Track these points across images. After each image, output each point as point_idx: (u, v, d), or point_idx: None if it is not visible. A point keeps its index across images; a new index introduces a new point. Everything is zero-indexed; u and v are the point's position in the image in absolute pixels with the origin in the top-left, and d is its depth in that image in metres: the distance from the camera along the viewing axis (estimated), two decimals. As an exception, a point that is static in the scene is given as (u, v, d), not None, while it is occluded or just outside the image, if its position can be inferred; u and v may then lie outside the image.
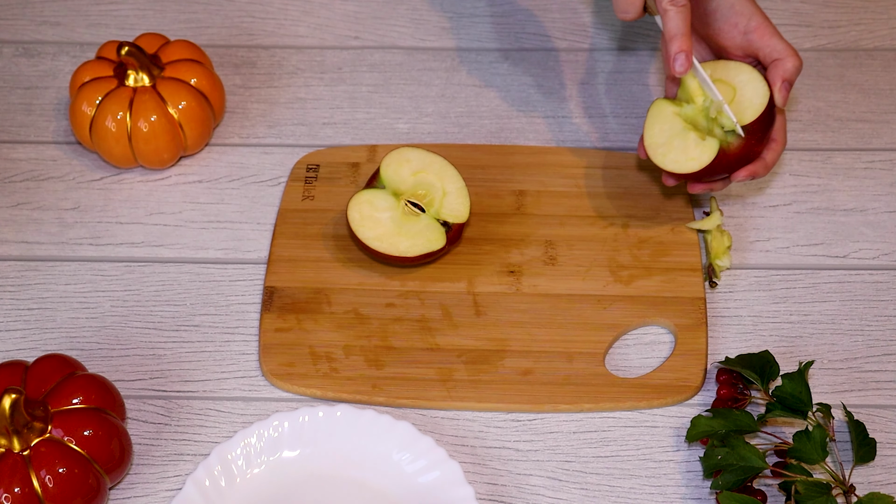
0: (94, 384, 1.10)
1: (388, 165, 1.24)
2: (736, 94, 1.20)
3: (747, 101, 1.19)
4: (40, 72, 1.44)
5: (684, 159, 1.20)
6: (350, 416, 1.14)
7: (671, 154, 1.20)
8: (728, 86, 1.20)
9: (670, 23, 1.17)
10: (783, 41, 1.20)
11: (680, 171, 1.20)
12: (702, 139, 1.19)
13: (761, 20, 1.20)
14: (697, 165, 1.19)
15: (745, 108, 1.19)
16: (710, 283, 1.24)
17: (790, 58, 1.19)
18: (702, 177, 1.21)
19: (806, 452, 1.09)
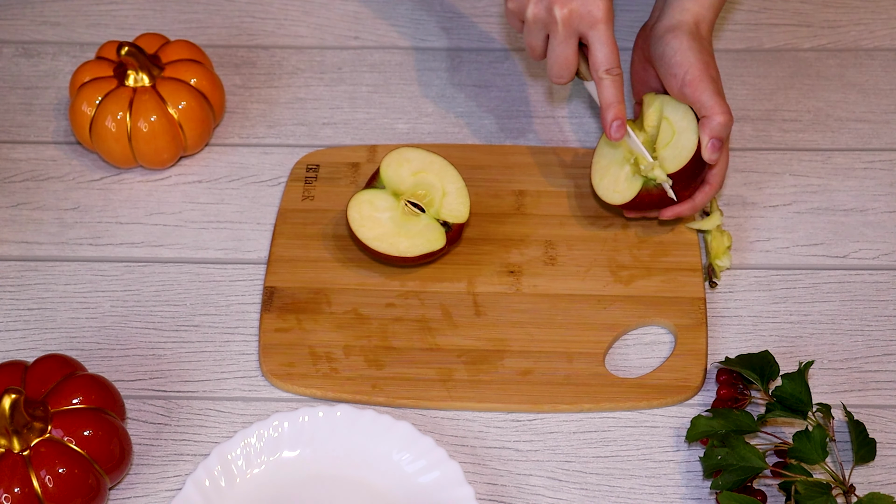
0: (94, 384, 1.10)
1: (388, 165, 1.24)
2: (674, 138, 1.21)
3: (680, 147, 1.21)
4: (40, 72, 1.44)
5: (611, 191, 1.24)
6: (350, 416, 1.14)
7: (604, 181, 1.24)
8: (671, 127, 1.22)
9: (605, 91, 1.20)
10: (714, 96, 1.18)
11: (605, 199, 1.24)
12: (632, 174, 1.23)
13: (696, 74, 1.19)
14: (619, 200, 1.23)
15: (677, 154, 1.21)
16: (710, 284, 1.24)
17: (718, 115, 1.18)
18: (629, 208, 1.24)
19: (806, 452, 1.09)
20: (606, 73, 1.19)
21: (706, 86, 1.19)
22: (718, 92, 1.19)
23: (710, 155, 1.19)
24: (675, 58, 1.19)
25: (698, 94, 1.19)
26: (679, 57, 1.19)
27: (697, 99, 1.19)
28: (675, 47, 1.20)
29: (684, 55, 1.19)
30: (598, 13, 1.17)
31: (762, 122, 1.38)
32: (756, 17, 1.48)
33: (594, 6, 1.17)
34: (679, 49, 1.19)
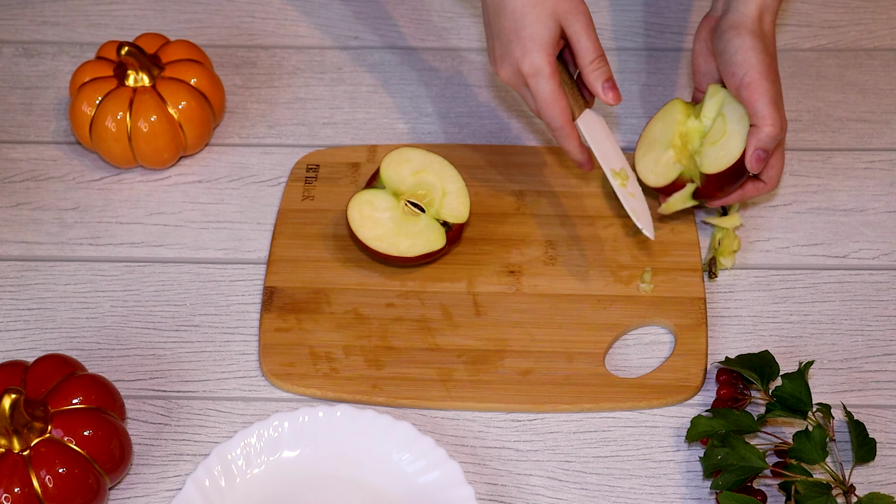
0: (94, 384, 1.10)
1: (388, 165, 1.24)
2: (722, 138, 1.20)
3: (725, 151, 1.20)
4: (40, 72, 1.44)
5: (649, 171, 1.23)
6: (350, 416, 1.14)
7: (645, 159, 1.23)
8: (724, 127, 1.21)
9: None
10: (769, 105, 1.16)
11: (641, 177, 1.23)
12: (673, 161, 1.22)
13: (755, 77, 1.16)
14: (653, 182, 1.23)
15: (720, 157, 1.20)
16: (709, 274, 1.24)
17: (768, 126, 1.16)
18: (662, 193, 1.24)
19: (806, 452, 1.09)
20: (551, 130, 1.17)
21: (763, 92, 1.16)
22: (774, 100, 1.17)
23: (753, 165, 1.18)
24: (736, 57, 1.17)
25: (754, 99, 1.16)
26: (740, 56, 1.17)
27: (752, 104, 1.17)
28: (736, 45, 1.17)
29: (745, 55, 1.16)
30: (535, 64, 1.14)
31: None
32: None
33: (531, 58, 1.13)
34: (741, 48, 1.17)
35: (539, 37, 1.13)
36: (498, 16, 1.14)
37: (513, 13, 1.13)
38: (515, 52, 1.13)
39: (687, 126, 1.23)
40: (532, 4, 1.12)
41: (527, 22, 1.12)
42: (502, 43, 1.14)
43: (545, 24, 1.13)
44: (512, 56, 1.14)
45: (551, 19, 1.13)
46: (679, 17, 1.48)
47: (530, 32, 1.12)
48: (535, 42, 1.13)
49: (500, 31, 1.14)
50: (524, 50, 1.13)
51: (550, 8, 1.13)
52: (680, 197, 1.23)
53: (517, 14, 1.12)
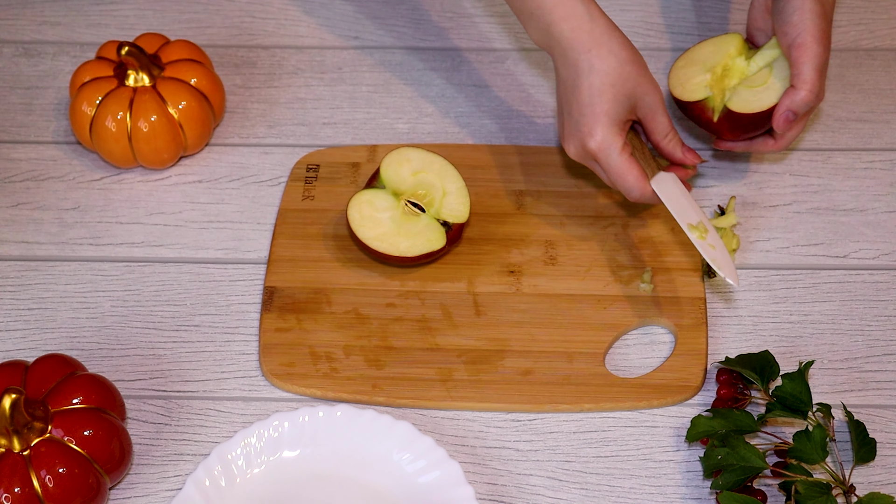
0: (94, 384, 1.10)
1: (388, 165, 1.24)
2: (760, 87, 1.22)
3: (757, 98, 1.22)
4: (40, 72, 1.44)
5: (679, 82, 1.25)
6: (350, 416, 1.14)
7: (682, 71, 1.26)
8: (767, 78, 1.23)
9: None
10: (813, 71, 1.17)
11: (669, 84, 1.25)
12: (705, 84, 1.24)
13: (807, 40, 1.17)
14: (678, 94, 1.25)
15: (750, 101, 1.22)
16: (707, 274, 1.24)
17: (804, 90, 1.18)
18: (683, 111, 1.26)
19: (806, 452, 1.09)
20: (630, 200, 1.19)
21: (811, 56, 1.17)
22: (819, 67, 1.18)
23: (779, 123, 1.19)
24: (793, 17, 1.18)
25: (801, 62, 1.17)
26: (797, 17, 1.17)
27: (798, 66, 1.17)
28: (795, 5, 1.17)
29: (802, 17, 1.17)
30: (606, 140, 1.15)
31: (762, 122, 1.38)
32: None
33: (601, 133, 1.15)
34: (799, 8, 1.17)
35: (613, 113, 1.14)
36: (574, 91, 1.14)
37: (589, 89, 1.14)
38: (583, 129, 1.14)
39: (734, 62, 1.24)
40: (611, 84, 1.13)
41: (603, 99, 1.13)
42: (573, 119, 1.15)
43: (621, 104, 1.14)
44: (580, 132, 1.15)
45: (627, 99, 1.15)
46: (679, 17, 1.48)
47: (605, 109, 1.14)
48: (610, 118, 1.14)
49: (574, 106, 1.15)
50: (594, 126, 1.14)
51: (629, 90, 1.15)
52: None
53: (594, 91, 1.13)
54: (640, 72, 1.15)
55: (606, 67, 1.13)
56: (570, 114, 1.16)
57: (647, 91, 1.16)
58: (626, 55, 1.14)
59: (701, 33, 1.46)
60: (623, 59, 1.14)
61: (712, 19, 1.47)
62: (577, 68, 1.14)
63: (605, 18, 1.15)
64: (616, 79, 1.13)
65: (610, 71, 1.13)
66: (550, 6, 1.14)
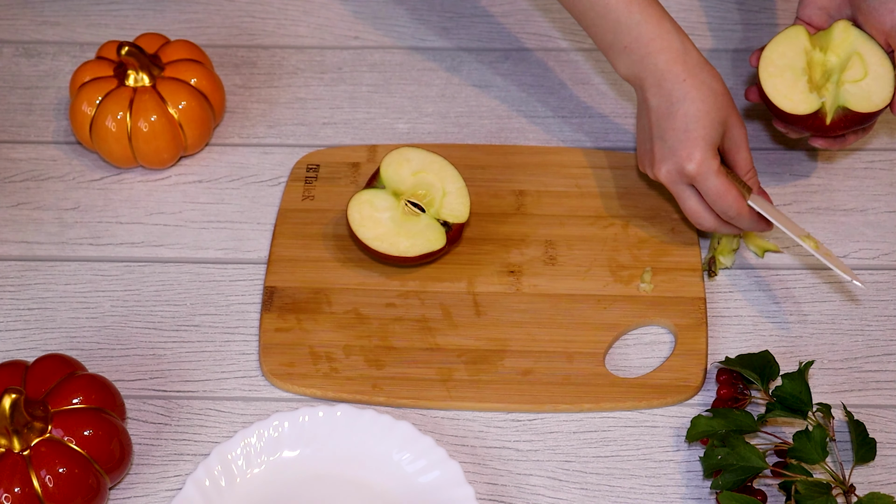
0: (94, 384, 1.10)
1: (388, 165, 1.24)
2: (865, 79, 1.20)
3: (871, 93, 1.20)
4: (40, 72, 1.44)
5: (783, 96, 1.22)
6: (350, 416, 1.14)
7: (776, 81, 1.22)
8: (864, 67, 1.20)
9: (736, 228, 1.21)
10: None
11: (772, 97, 1.22)
12: (809, 91, 1.21)
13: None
14: (789, 108, 1.21)
15: (866, 98, 1.20)
16: (708, 273, 1.24)
17: None
18: (787, 121, 1.23)
19: (806, 452, 1.09)
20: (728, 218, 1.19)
21: None
22: None
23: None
24: (890, 3, 1.16)
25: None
26: (892, 3, 1.16)
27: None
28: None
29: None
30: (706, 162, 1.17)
31: (762, 121, 1.38)
32: (756, 17, 1.48)
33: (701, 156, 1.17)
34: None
35: (711, 139, 1.17)
36: (669, 118, 1.17)
37: (685, 116, 1.17)
38: (685, 150, 1.17)
39: (813, 57, 1.22)
40: (706, 111, 1.16)
41: (701, 125, 1.16)
42: (666, 144, 1.18)
43: (716, 129, 1.17)
44: (678, 156, 1.17)
45: (720, 126, 1.18)
46: (679, 17, 1.48)
47: (703, 134, 1.16)
48: (707, 143, 1.17)
49: (667, 132, 1.18)
50: (695, 148, 1.17)
51: (723, 117, 1.18)
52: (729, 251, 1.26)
53: (690, 118, 1.16)
54: (730, 105, 1.19)
55: (701, 96, 1.17)
56: (663, 139, 1.18)
57: (734, 124, 1.19)
58: (718, 87, 1.18)
59: (703, 33, 1.46)
60: (716, 90, 1.18)
61: (712, 19, 1.47)
62: (672, 97, 1.17)
63: (698, 52, 1.19)
64: (711, 107, 1.17)
65: (705, 99, 1.17)
66: (647, 39, 1.18)
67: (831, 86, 1.21)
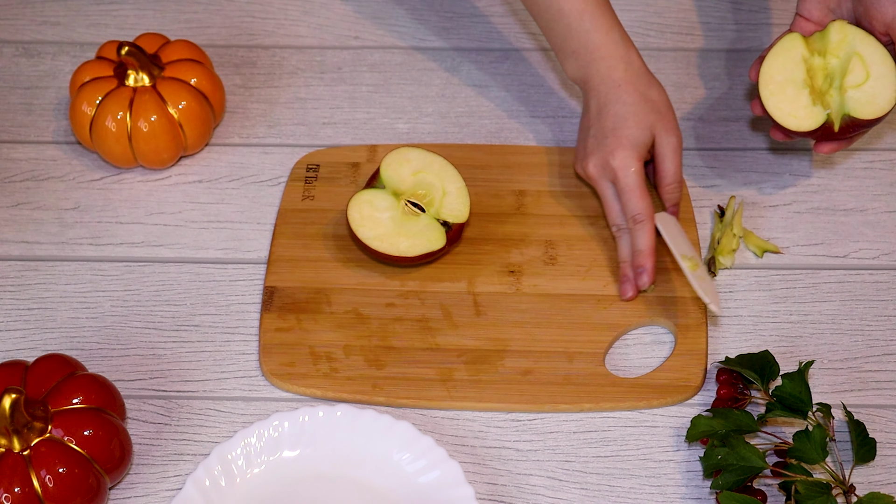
0: (94, 384, 1.10)
1: (388, 165, 1.24)
2: (867, 81, 1.19)
3: (876, 96, 1.18)
4: (40, 72, 1.44)
5: (787, 113, 1.21)
6: (350, 416, 1.14)
7: (778, 99, 1.21)
8: (865, 68, 1.19)
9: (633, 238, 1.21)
10: None
11: (776, 117, 1.21)
12: (812, 104, 1.20)
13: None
14: (794, 126, 1.21)
15: (870, 103, 1.18)
16: (708, 272, 1.24)
17: None
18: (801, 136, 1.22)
19: (806, 452, 1.09)
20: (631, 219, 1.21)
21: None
22: None
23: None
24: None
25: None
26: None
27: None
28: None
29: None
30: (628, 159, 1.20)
31: (762, 121, 1.38)
32: (756, 17, 1.48)
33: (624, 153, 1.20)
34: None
35: (635, 139, 1.21)
36: (599, 118, 1.23)
37: (615, 115, 1.21)
38: (609, 146, 1.21)
39: (812, 63, 1.21)
40: (634, 113, 1.21)
41: (627, 125, 1.21)
42: (597, 140, 1.22)
43: (642, 131, 1.21)
44: (605, 150, 1.21)
45: (648, 130, 1.21)
46: (679, 17, 1.48)
47: (628, 133, 1.21)
48: (631, 141, 1.20)
49: (599, 129, 1.22)
50: (618, 146, 1.21)
51: (650, 121, 1.21)
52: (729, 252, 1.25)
53: (619, 117, 1.21)
54: (664, 113, 1.22)
55: (632, 100, 1.21)
56: (595, 137, 1.23)
57: (667, 131, 1.22)
58: (654, 95, 1.23)
59: (701, 33, 1.46)
60: (650, 98, 1.22)
61: (712, 19, 1.47)
62: (607, 99, 1.22)
63: (641, 63, 1.24)
64: (640, 110, 1.21)
65: (635, 102, 1.21)
66: (594, 46, 1.23)
67: (835, 93, 1.20)
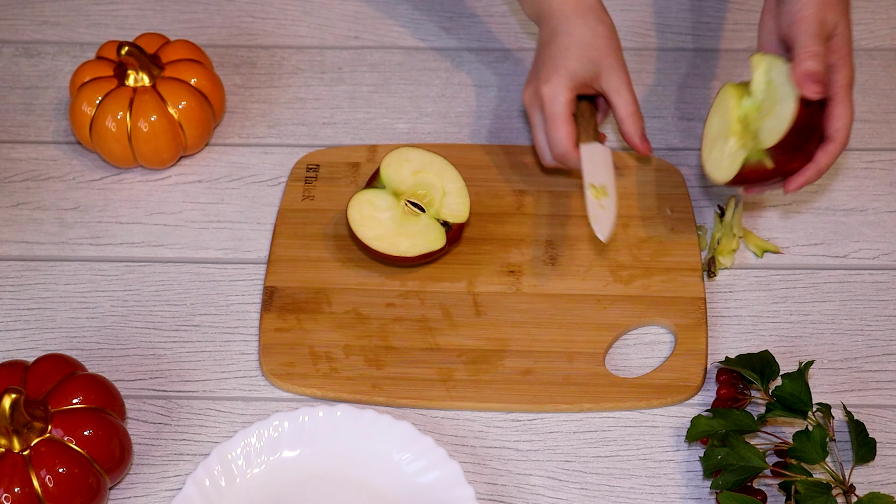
0: (94, 384, 1.10)
1: (388, 165, 1.24)
2: (775, 106, 1.14)
3: (779, 117, 1.13)
4: (40, 72, 1.44)
5: (717, 167, 1.17)
6: (350, 416, 1.14)
7: (712, 154, 1.18)
8: (774, 94, 1.14)
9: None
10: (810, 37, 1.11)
11: (710, 176, 1.18)
12: (736, 147, 1.15)
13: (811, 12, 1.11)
14: (723, 178, 1.16)
15: (776, 125, 1.13)
16: (708, 273, 1.24)
17: (805, 61, 1.11)
18: (735, 185, 1.17)
19: (806, 452, 1.09)
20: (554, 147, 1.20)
21: (810, 23, 1.11)
22: (815, 33, 1.11)
23: (807, 88, 1.10)
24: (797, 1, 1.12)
25: (796, 32, 1.11)
26: None
27: (795, 38, 1.11)
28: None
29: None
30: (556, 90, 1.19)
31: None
32: (756, 17, 1.48)
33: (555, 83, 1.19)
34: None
35: (572, 70, 1.20)
36: (545, 48, 1.22)
37: (558, 46, 1.21)
38: (544, 75, 1.20)
39: (743, 107, 1.17)
40: (578, 46, 1.20)
41: (568, 56, 1.20)
42: (537, 69, 1.22)
43: (583, 65, 1.20)
44: (538, 78, 1.21)
45: (591, 65, 1.20)
46: (679, 17, 1.48)
47: (566, 64, 1.20)
48: (566, 72, 1.20)
49: (541, 59, 1.22)
50: (552, 75, 1.20)
51: (595, 57, 1.20)
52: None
53: (562, 48, 1.20)
54: (611, 48, 1.21)
55: (579, 32, 1.20)
56: (536, 66, 1.22)
57: (613, 66, 1.21)
58: (602, 31, 1.21)
59: (700, 33, 1.46)
60: (597, 33, 1.20)
61: (712, 19, 1.47)
62: (555, 30, 1.21)
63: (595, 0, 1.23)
64: (585, 43, 1.20)
65: (582, 35, 1.20)
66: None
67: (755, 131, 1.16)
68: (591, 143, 1.22)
